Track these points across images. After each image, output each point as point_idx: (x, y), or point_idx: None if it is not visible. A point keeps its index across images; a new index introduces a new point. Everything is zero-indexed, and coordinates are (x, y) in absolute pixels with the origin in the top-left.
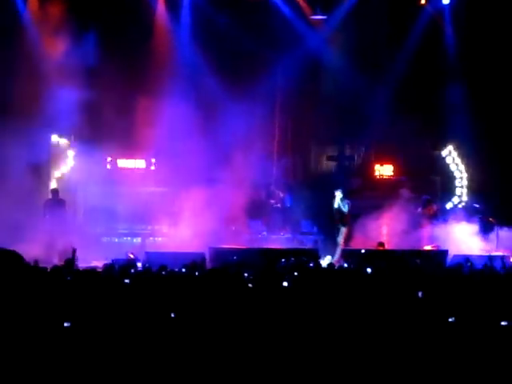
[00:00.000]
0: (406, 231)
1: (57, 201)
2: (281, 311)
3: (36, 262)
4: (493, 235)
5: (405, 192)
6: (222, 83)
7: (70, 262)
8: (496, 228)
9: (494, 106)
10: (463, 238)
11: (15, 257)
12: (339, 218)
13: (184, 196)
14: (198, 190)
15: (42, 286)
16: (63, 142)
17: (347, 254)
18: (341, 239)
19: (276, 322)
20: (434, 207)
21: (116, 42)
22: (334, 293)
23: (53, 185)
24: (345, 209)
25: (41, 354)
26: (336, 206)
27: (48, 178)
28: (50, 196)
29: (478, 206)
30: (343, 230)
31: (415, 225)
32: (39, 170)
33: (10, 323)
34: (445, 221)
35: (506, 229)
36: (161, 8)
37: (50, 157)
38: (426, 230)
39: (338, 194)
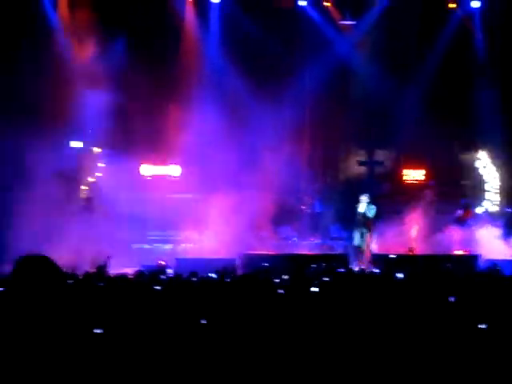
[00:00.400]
0: (435, 235)
1: (88, 208)
2: (311, 316)
3: (71, 268)
4: None
5: (428, 194)
6: (250, 89)
7: (102, 268)
8: None
9: None
10: (490, 243)
11: (47, 263)
12: (363, 222)
13: (214, 202)
14: (228, 195)
15: (74, 293)
16: (93, 148)
17: (377, 259)
18: (364, 244)
19: (307, 327)
20: (473, 211)
21: (145, 48)
22: (365, 297)
23: (84, 192)
24: (370, 214)
25: (72, 359)
26: (362, 210)
27: (78, 184)
28: (81, 203)
29: (511, 210)
30: (367, 235)
31: (444, 229)
32: (69, 176)
33: (41, 329)
34: (479, 225)
35: None
36: (189, 14)
37: (80, 163)
38: (459, 234)
39: (364, 199)
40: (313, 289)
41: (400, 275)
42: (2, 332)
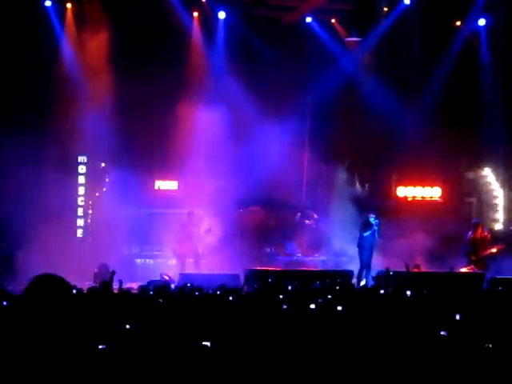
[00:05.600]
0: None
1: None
2: (315, 333)
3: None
4: None
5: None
6: (255, 104)
7: (107, 284)
8: None
9: None
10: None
11: (60, 282)
12: (370, 240)
13: (219, 218)
14: (232, 211)
15: (78, 309)
16: (99, 164)
17: (382, 276)
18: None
19: (313, 344)
20: (485, 232)
21: (149, 63)
22: (367, 314)
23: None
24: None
25: (77, 376)
26: (367, 227)
27: (84, 199)
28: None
29: None
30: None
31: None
32: (75, 191)
33: (48, 346)
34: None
35: None
36: (196, 29)
37: (86, 179)
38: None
39: (371, 217)
40: (312, 306)
41: (408, 292)
42: (10, 346)
